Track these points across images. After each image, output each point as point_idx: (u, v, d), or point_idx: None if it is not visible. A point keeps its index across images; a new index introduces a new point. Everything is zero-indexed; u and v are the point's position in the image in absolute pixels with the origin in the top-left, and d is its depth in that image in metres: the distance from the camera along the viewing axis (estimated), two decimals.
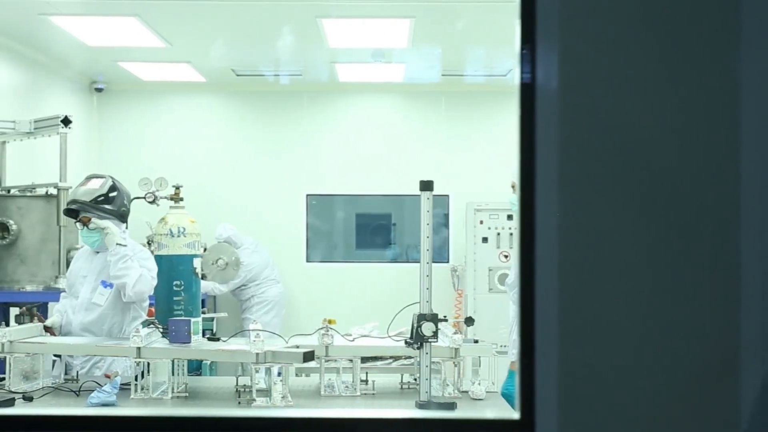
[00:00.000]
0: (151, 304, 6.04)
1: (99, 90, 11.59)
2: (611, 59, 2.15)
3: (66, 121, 8.03)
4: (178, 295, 5.79)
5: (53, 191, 7.96)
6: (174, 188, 5.90)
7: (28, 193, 8.02)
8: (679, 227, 2.15)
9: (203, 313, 7.33)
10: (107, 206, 5.74)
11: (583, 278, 2.13)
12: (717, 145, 2.15)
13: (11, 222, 7.82)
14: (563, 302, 2.10)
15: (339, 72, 10.85)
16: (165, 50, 9.56)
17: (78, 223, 5.85)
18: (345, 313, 7.07)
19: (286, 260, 11.33)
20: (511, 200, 6.39)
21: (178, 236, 5.78)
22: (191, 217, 5.92)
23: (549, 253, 2.08)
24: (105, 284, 5.77)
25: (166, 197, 5.95)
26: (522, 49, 2.10)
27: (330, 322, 5.31)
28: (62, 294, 6.15)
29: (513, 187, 6.30)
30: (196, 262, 5.91)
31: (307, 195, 11.65)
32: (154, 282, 5.75)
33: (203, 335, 5.56)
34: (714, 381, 2.16)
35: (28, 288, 7.79)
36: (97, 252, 5.85)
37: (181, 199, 5.93)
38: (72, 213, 5.84)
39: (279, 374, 4.90)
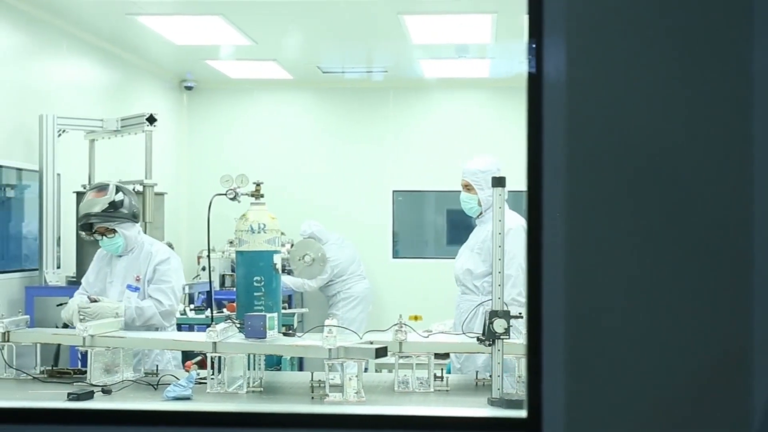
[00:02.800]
0: (231, 300, 6.10)
1: (189, 88, 11.78)
2: (619, 53, 2.10)
3: (151, 119, 8.16)
4: (258, 290, 5.81)
5: (139, 188, 8.09)
6: (254, 185, 5.94)
7: None
8: (689, 224, 2.09)
9: (284, 308, 7.36)
10: (121, 210, 5.80)
11: (591, 275, 2.08)
12: (728, 140, 2.09)
13: None
14: (570, 300, 2.06)
15: (424, 68, 10.84)
16: (251, 48, 9.67)
17: (96, 234, 5.86)
18: (432, 310, 7.05)
19: (373, 256, 11.35)
20: (463, 198, 6.30)
21: (259, 232, 5.80)
22: (271, 213, 5.95)
23: (556, 250, 2.04)
24: (131, 288, 5.86)
25: (246, 194, 5.99)
26: (529, 42, 2.06)
27: (416, 318, 5.28)
28: (77, 292, 6.12)
29: (465, 186, 6.20)
30: (276, 258, 5.94)
31: (393, 191, 11.67)
32: (175, 306, 5.94)
33: (288, 330, 5.59)
34: (725, 381, 2.10)
35: None
36: (120, 256, 5.94)
37: (262, 196, 5.95)
38: (87, 227, 5.87)
39: (366, 370, 4.90)
